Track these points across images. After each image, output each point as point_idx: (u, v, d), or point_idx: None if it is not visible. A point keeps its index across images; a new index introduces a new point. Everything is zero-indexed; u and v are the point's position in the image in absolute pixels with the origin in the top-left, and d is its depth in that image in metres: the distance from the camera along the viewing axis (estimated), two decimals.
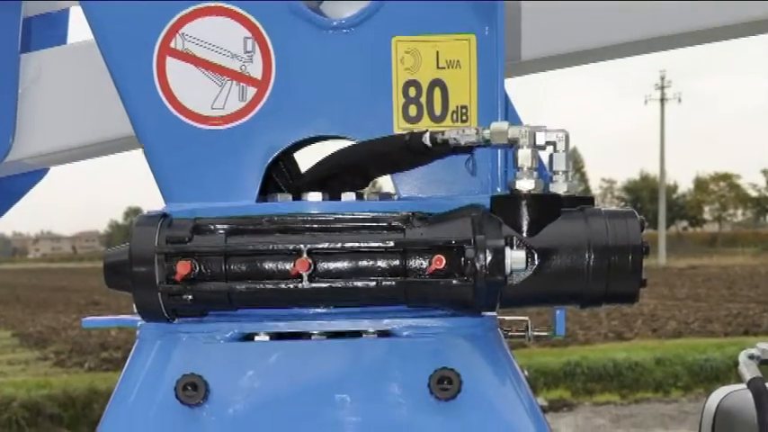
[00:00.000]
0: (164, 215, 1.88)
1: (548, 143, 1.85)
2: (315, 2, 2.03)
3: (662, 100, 67.02)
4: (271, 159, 1.97)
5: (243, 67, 1.95)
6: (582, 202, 1.88)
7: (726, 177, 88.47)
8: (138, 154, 2.05)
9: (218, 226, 1.87)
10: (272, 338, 1.90)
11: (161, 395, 1.84)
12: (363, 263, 1.84)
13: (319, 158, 2.05)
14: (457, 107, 1.96)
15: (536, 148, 1.83)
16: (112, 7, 1.95)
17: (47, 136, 2.39)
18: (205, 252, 1.84)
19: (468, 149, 1.91)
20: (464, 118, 1.95)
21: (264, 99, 1.95)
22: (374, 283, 1.81)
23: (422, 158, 1.94)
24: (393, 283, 1.82)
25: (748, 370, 2.58)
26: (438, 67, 1.95)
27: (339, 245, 1.83)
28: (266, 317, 1.90)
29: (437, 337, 1.88)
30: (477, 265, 1.77)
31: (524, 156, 1.82)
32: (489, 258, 1.78)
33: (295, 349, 1.89)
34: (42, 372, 14.52)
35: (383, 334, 1.90)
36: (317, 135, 2.00)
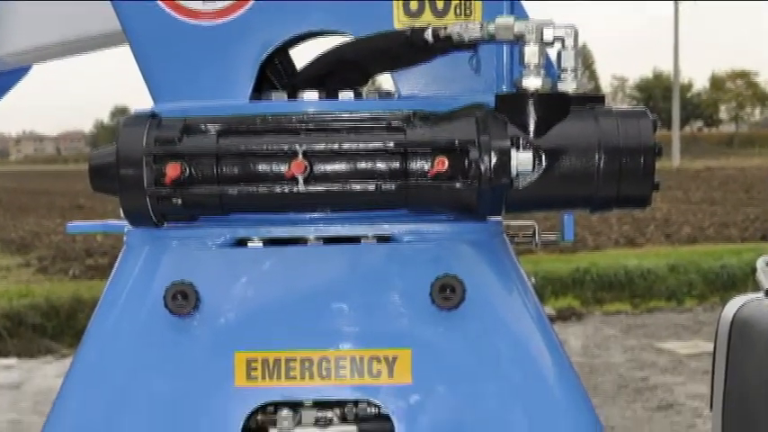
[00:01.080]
0: (152, 115, 1.88)
1: (555, 39, 1.83)
2: None
3: None
4: (265, 56, 1.97)
5: None
6: (592, 100, 1.87)
7: (743, 75, 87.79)
8: (124, 51, 2.04)
9: (210, 126, 1.86)
10: (265, 244, 1.92)
11: (149, 304, 1.87)
12: (362, 165, 1.84)
13: (316, 55, 2.05)
14: (460, 1, 1.94)
15: (543, 44, 1.82)
16: None
17: (27, 32, 2.37)
18: (196, 153, 1.84)
19: (472, 46, 1.90)
20: (468, 12, 1.94)
21: None
22: (373, 187, 1.82)
23: (423, 55, 1.93)
24: (393, 186, 1.82)
25: (766, 277, 2.60)
26: None
27: (336, 146, 1.83)
28: (260, 222, 1.91)
29: (439, 243, 1.89)
30: (482, 167, 1.78)
31: (531, 52, 1.81)
32: (494, 160, 1.78)
33: (290, 255, 1.91)
34: (24, 279, 14.61)
35: (383, 239, 1.92)
36: (313, 30, 1.99)
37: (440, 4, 1.93)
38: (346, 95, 1.93)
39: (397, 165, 1.83)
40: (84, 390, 1.86)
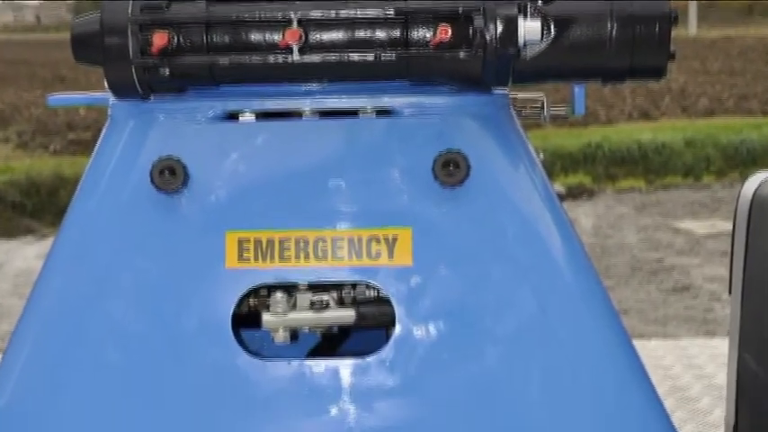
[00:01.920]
0: None
1: None
2: None
3: None
4: None
5: None
6: None
7: None
8: None
9: None
10: (258, 118, 1.91)
11: (135, 181, 1.86)
12: (360, 33, 1.82)
13: None
14: None
15: None
16: None
17: None
18: (184, 21, 1.81)
19: None
20: None
21: None
22: (372, 57, 1.80)
23: None
24: (393, 56, 1.80)
25: None
26: None
27: (333, 13, 1.80)
28: (252, 94, 1.90)
29: (442, 117, 1.88)
30: (487, 35, 1.76)
31: None
32: (500, 28, 1.76)
33: (284, 130, 1.90)
34: (3, 155, 14.59)
35: (382, 113, 1.91)
36: None
37: None
38: None
39: (397, 33, 1.81)
40: (67, 271, 1.87)
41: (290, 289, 1.89)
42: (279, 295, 1.88)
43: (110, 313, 1.84)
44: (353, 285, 1.91)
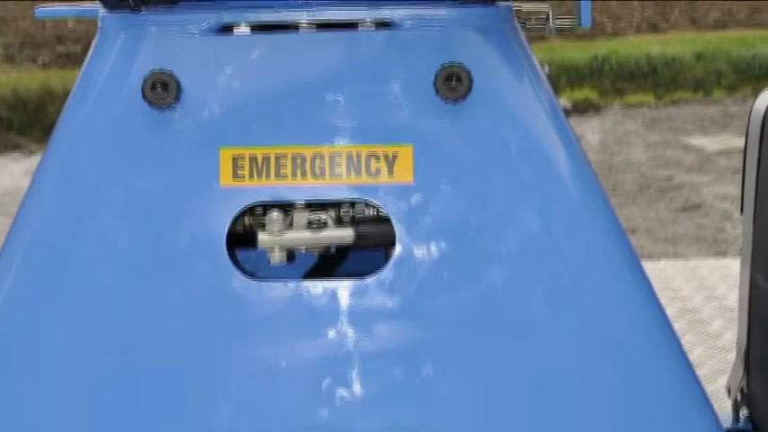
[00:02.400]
0: None
1: None
2: None
3: None
4: None
5: None
6: None
7: None
8: None
9: None
10: (253, 30, 1.89)
11: (125, 95, 1.85)
12: None
13: None
14: None
15: None
16: None
17: None
18: None
19: None
20: None
21: None
22: None
23: None
24: None
25: None
26: None
27: None
28: (247, 5, 1.88)
29: (444, 29, 1.86)
30: None
31: None
32: None
33: (280, 42, 1.88)
34: None
35: (382, 25, 1.89)
36: None
37: None
38: None
39: None
40: (56, 188, 1.87)
41: (286, 208, 1.89)
42: (275, 214, 1.87)
43: (100, 232, 1.85)
44: (352, 204, 1.91)
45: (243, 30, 1.88)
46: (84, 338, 1.84)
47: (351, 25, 1.88)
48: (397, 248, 1.84)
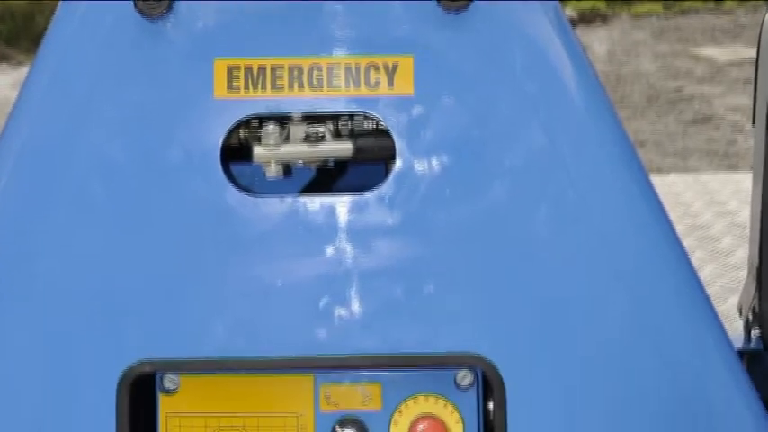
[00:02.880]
0: None
1: None
2: None
3: None
4: None
5: None
6: None
7: None
8: None
9: None
10: None
11: (117, 5, 1.82)
12: None
13: None
14: None
15: None
16: None
17: None
18: None
19: None
20: None
21: None
22: None
23: None
24: None
25: None
26: None
27: None
28: None
29: None
30: None
31: None
32: None
33: None
34: None
35: None
36: None
37: None
38: None
39: None
40: (44, 101, 1.85)
41: (282, 120, 1.88)
42: (271, 127, 1.86)
43: (91, 145, 1.84)
44: (351, 116, 1.89)
45: None
46: (76, 254, 1.84)
47: None
48: (398, 163, 1.83)
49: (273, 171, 1.88)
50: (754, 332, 2.52)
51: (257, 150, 1.87)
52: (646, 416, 1.83)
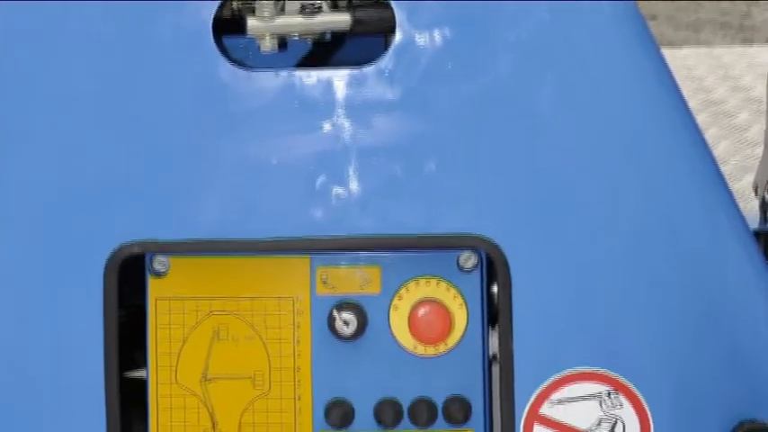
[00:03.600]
0: None
1: None
2: None
3: None
4: None
5: None
6: None
7: None
8: None
9: None
10: None
11: None
12: None
13: None
14: None
15: None
16: None
17: None
18: None
19: None
20: None
21: None
22: None
23: None
24: None
25: None
26: None
27: None
28: None
29: None
30: None
31: None
32: None
33: None
34: None
35: None
36: None
37: None
38: None
39: None
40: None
41: None
42: None
43: (80, 20, 1.81)
44: None
45: None
46: (62, 130, 1.82)
47: None
48: (398, 35, 1.80)
49: (268, 44, 1.85)
50: None
51: (251, 22, 1.84)
52: (656, 298, 1.83)
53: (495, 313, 1.89)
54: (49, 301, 1.83)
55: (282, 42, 1.90)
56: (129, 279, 1.87)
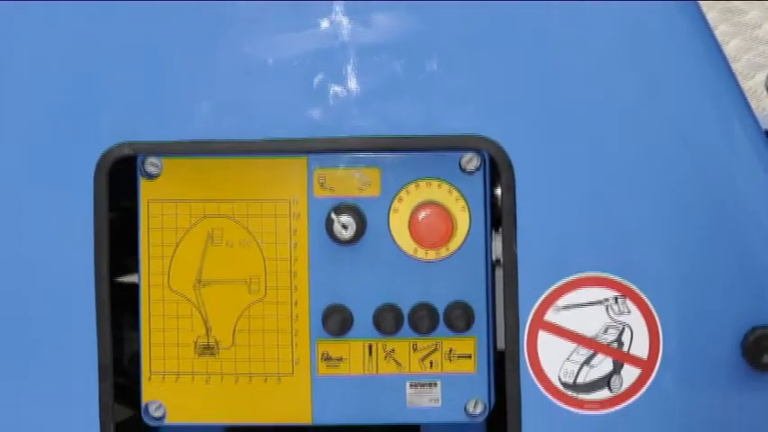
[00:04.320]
0: None
1: None
2: None
3: None
4: None
5: None
6: None
7: None
8: None
9: None
10: None
11: None
12: None
13: None
14: None
15: None
16: None
17: None
18: None
19: None
20: None
21: None
22: None
23: None
24: None
25: None
26: None
27: None
28: None
29: None
30: None
31: None
32: None
33: None
34: None
35: None
36: None
37: None
38: None
39: None
40: None
41: None
42: None
43: None
44: None
45: None
46: (54, 32, 1.82)
47: None
48: None
49: None
50: None
51: None
52: (665, 202, 1.82)
53: (498, 217, 1.88)
54: (38, 205, 1.83)
55: None
56: (121, 184, 1.87)
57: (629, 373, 1.83)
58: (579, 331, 1.83)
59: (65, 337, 1.84)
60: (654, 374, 1.83)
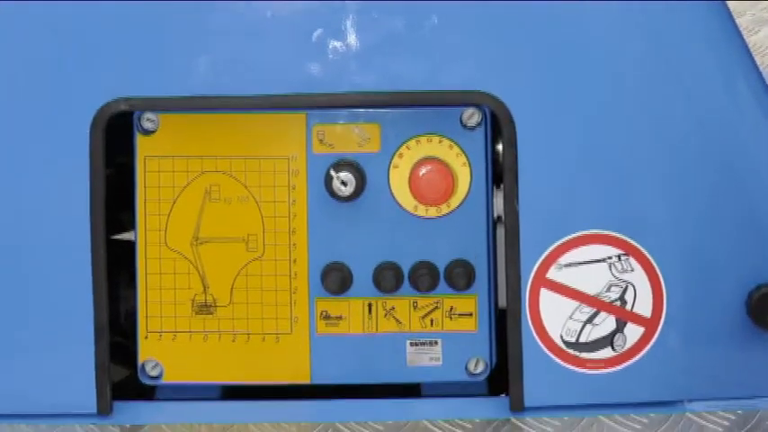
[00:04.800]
0: None
1: None
2: None
3: None
4: None
5: None
6: None
7: None
8: None
9: None
10: None
11: None
12: None
13: None
14: None
15: None
16: None
17: None
18: None
19: None
20: None
21: None
22: None
23: None
24: None
25: None
26: None
27: None
28: None
29: None
30: None
31: None
32: None
33: None
34: None
35: None
36: None
37: None
38: None
39: None
40: None
41: None
42: None
43: None
44: None
45: None
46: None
47: None
48: None
49: None
50: None
51: None
52: (669, 158, 1.82)
53: (499, 173, 1.89)
54: (33, 161, 1.83)
55: None
56: (117, 140, 1.87)
57: (633, 332, 1.84)
58: (582, 289, 1.84)
59: (60, 295, 1.84)
60: (657, 333, 1.84)
